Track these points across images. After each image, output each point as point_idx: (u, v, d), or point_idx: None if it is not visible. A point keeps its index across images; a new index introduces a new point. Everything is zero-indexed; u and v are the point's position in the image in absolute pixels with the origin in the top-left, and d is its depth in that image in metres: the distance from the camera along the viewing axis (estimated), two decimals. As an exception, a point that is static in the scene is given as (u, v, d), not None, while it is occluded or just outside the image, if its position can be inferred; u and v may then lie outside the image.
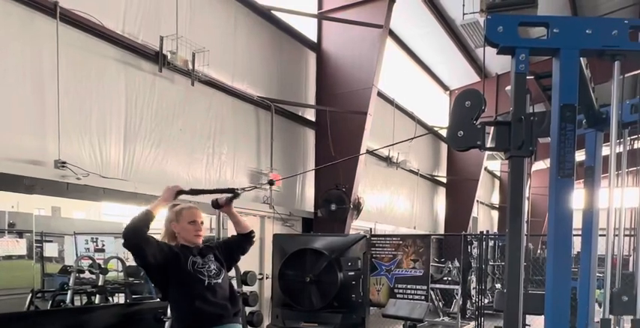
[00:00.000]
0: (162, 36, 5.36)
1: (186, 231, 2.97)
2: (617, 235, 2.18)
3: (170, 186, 2.94)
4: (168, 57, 5.38)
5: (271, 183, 3.47)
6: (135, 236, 2.71)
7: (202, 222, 3.05)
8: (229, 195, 3.10)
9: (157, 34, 5.37)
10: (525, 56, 1.75)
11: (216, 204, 3.12)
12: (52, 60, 4.45)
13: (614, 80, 1.88)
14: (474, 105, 1.84)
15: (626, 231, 2.38)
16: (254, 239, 3.27)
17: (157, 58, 5.36)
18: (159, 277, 2.94)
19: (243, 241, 3.22)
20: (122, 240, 2.76)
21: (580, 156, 1.96)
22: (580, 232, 2.54)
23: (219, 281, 2.97)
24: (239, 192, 3.08)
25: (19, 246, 6.07)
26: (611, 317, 1.94)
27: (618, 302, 1.88)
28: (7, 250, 5.88)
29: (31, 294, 5.27)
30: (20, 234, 6.10)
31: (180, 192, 2.94)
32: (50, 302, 5.53)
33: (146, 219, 2.76)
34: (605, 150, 2.49)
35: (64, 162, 4.50)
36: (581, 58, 1.90)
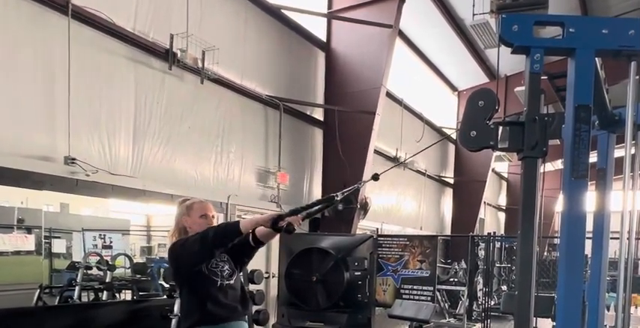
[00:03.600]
0: (173, 34, 5.39)
1: (198, 225, 2.94)
2: (628, 238, 2.15)
3: (271, 214, 2.67)
4: (178, 55, 5.41)
5: (376, 178, 2.98)
6: (219, 245, 2.64)
7: (214, 216, 3.03)
8: (319, 206, 2.71)
9: (168, 31, 5.39)
10: (540, 56, 1.73)
11: (289, 230, 2.61)
12: (63, 57, 4.48)
13: (630, 81, 1.85)
14: (487, 105, 1.82)
15: (637, 234, 2.35)
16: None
17: (167, 55, 5.38)
18: (178, 274, 2.94)
19: (254, 248, 3.07)
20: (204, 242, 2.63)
21: (592, 158, 1.94)
22: (589, 235, 2.51)
23: (232, 282, 2.95)
24: (337, 198, 2.68)
25: (28, 242, 6.12)
26: None
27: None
28: (16, 246, 5.94)
29: (39, 290, 5.30)
30: (29, 230, 6.15)
31: (281, 217, 2.60)
32: (58, 297, 5.57)
33: (234, 237, 2.63)
34: (617, 152, 2.46)
35: (74, 159, 4.53)
36: (596, 59, 1.87)
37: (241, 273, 3.54)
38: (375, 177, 3.02)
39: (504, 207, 19.27)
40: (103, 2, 4.76)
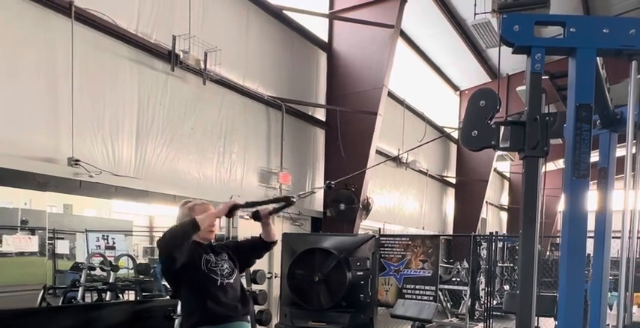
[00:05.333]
0: (175, 35, 5.40)
1: None
2: (630, 237, 2.15)
3: (227, 202, 2.88)
4: (181, 56, 5.42)
5: (329, 186, 3.34)
6: (176, 248, 2.68)
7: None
8: (281, 204, 3.02)
9: (170, 33, 5.41)
10: (541, 55, 1.74)
11: (257, 216, 2.99)
12: (66, 58, 4.50)
13: (631, 80, 1.85)
14: (488, 104, 1.82)
15: (639, 233, 2.35)
16: (273, 247, 3.27)
17: (169, 57, 5.40)
18: (175, 279, 2.96)
19: (263, 248, 3.21)
20: (158, 249, 2.73)
21: (593, 157, 1.94)
22: (591, 234, 2.51)
23: (231, 281, 2.98)
24: (294, 200, 2.99)
25: (32, 243, 6.13)
26: None
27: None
28: (20, 247, 5.95)
29: (42, 290, 5.31)
30: (32, 231, 6.16)
31: (237, 206, 2.86)
32: (61, 298, 5.58)
33: (192, 231, 2.71)
34: (619, 152, 2.46)
35: (77, 160, 4.55)
36: (597, 58, 1.88)
37: (243, 274, 3.56)
38: (329, 186, 3.28)
39: (506, 207, 19.24)
40: (105, 4, 4.78)
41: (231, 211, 2.85)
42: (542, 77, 1.80)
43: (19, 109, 4.26)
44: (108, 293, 5.73)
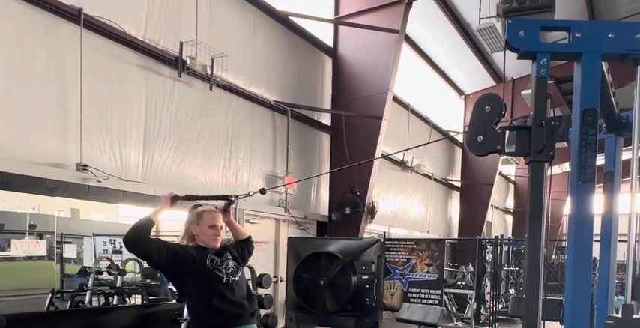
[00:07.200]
0: (182, 42, 5.45)
1: (205, 235, 2.98)
2: (637, 241, 2.16)
3: (166, 194, 3.02)
4: (188, 62, 5.47)
5: (262, 192, 3.56)
6: (136, 240, 2.77)
7: (222, 227, 3.06)
8: (224, 202, 3.17)
9: (177, 39, 5.46)
10: (546, 61, 1.76)
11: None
12: (75, 65, 4.55)
13: (636, 84, 1.87)
14: (493, 109, 1.84)
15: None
16: (253, 243, 3.35)
17: (176, 63, 5.45)
18: (174, 275, 2.97)
19: (245, 246, 3.27)
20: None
21: (599, 160, 1.96)
22: (597, 237, 2.52)
23: (237, 278, 2.98)
24: (232, 199, 3.17)
25: (40, 247, 6.19)
26: (634, 302, 1.92)
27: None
28: (28, 251, 6.01)
29: (50, 294, 5.34)
30: (41, 236, 6.22)
31: (176, 198, 3.01)
32: (69, 302, 5.61)
33: (147, 225, 2.83)
34: (625, 155, 2.47)
35: (86, 165, 4.59)
36: (602, 62, 1.89)
37: (246, 275, 3.59)
38: (262, 191, 3.55)
39: (512, 210, 19.17)
40: (114, 11, 4.84)
41: (172, 202, 3.00)
42: (548, 82, 1.82)
43: (28, 115, 4.31)
44: (115, 297, 5.75)
